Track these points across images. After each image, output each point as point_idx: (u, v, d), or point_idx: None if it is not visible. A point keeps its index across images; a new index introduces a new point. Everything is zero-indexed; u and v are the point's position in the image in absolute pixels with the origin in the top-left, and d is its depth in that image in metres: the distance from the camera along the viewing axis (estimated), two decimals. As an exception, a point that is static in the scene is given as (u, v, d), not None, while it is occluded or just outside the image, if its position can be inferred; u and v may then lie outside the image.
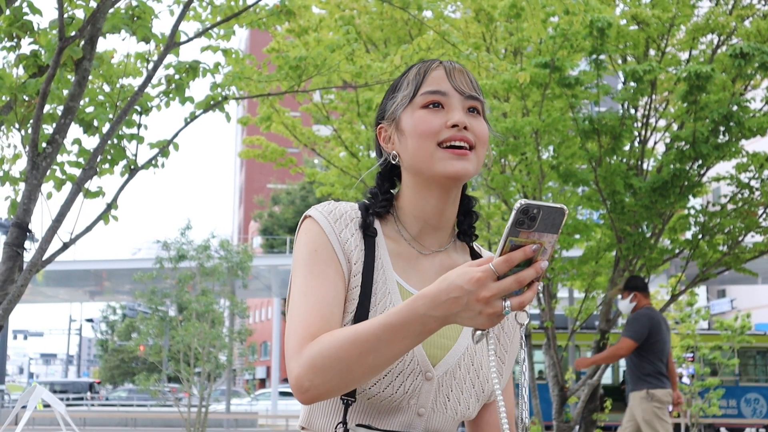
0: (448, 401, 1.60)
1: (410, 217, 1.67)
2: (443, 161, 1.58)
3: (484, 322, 1.33)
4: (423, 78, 1.64)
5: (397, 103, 1.66)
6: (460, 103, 1.62)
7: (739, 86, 9.65)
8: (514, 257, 1.29)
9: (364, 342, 1.39)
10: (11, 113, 5.04)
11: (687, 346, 15.55)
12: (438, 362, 1.59)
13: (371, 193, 1.71)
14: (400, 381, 1.55)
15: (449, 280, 1.33)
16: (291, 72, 6.91)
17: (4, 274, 4.45)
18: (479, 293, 1.30)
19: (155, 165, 5.67)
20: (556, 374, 10.59)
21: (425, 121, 1.60)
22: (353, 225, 1.63)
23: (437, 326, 1.37)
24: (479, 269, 1.31)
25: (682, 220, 10.25)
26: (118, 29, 5.03)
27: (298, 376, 1.44)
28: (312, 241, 1.60)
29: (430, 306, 1.34)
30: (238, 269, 17.47)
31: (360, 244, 1.62)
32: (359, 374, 1.41)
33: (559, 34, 8.80)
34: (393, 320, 1.37)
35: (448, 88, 1.62)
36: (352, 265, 1.60)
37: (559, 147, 9.98)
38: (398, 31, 10.94)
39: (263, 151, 12.58)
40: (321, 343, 1.43)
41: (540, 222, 1.28)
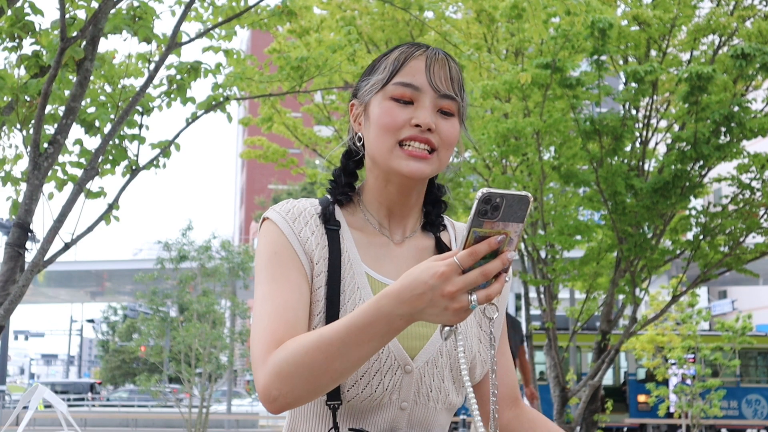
0: (431, 392, 1.54)
1: (375, 204, 1.62)
2: (399, 160, 1.52)
3: (450, 317, 1.27)
4: (401, 65, 1.55)
5: (370, 86, 1.58)
6: (432, 101, 1.53)
7: (741, 87, 9.65)
8: (479, 249, 1.24)
9: (329, 346, 1.33)
10: (13, 113, 5.04)
11: (688, 347, 15.54)
12: (417, 353, 1.54)
13: (333, 175, 1.64)
14: (378, 379, 1.50)
15: (413, 276, 1.27)
16: (292, 72, 6.91)
17: (5, 275, 4.45)
18: (444, 288, 1.24)
19: (156, 165, 5.67)
20: (557, 375, 10.59)
21: (390, 115, 1.52)
22: (313, 222, 1.57)
23: (404, 324, 1.31)
24: (443, 263, 1.25)
25: (683, 220, 10.25)
26: (119, 30, 5.03)
27: (265, 385, 1.39)
28: (271, 244, 1.54)
29: (394, 304, 1.29)
30: (240, 270, 17.47)
31: (322, 241, 1.55)
32: (327, 379, 1.36)
33: (561, 35, 8.80)
34: (357, 321, 1.31)
35: (423, 83, 1.53)
36: (315, 264, 1.53)
37: (561, 148, 9.98)
38: (399, 32, 10.94)
39: (264, 151, 12.59)
40: (286, 350, 1.38)
41: (504, 211, 1.22)
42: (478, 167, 10.82)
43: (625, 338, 10.50)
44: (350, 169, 1.64)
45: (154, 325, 17.76)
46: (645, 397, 18.83)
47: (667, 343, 16.30)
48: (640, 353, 17.38)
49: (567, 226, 10.00)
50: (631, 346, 17.07)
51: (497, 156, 10.36)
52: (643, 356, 17.51)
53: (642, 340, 16.70)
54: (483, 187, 11.15)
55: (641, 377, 20.61)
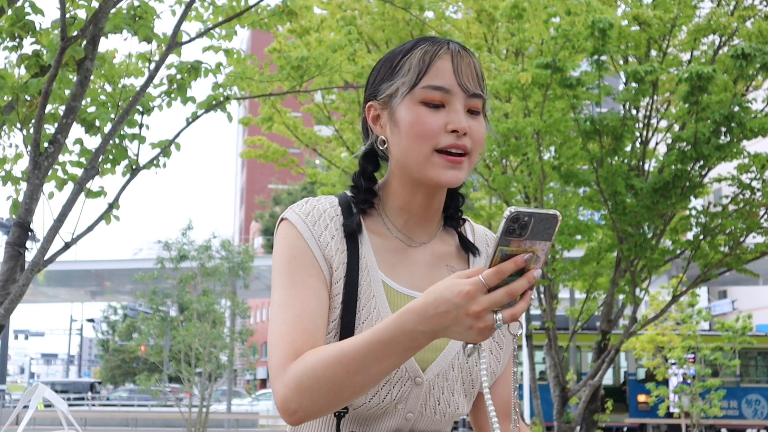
0: (438, 404, 1.53)
1: (396, 209, 1.58)
2: (436, 169, 1.48)
3: (475, 336, 1.26)
4: (427, 67, 1.50)
5: (395, 89, 1.52)
6: (463, 102, 1.50)
7: (741, 87, 9.64)
8: (505, 268, 1.22)
9: (351, 361, 1.32)
10: (13, 113, 5.05)
11: (688, 347, 15.55)
12: (429, 365, 1.52)
13: (353, 181, 1.60)
14: (387, 389, 1.48)
15: (437, 293, 1.25)
16: (292, 72, 6.92)
17: (5, 274, 4.45)
18: (469, 307, 1.23)
19: (157, 165, 5.67)
20: (557, 375, 10.59)
21: (424, 123, 1.48)
22: (333, 225, 1.53)
23: (426, 341, 1.30)
24: (468, 282, 1.23)
25: (683, 220, 10.25)
26: (120, 29, 5.03)
27: (284, 398, 1.37)
28: (290, 247, 1.50)
29: (417, 321, 1.27)
30: (240, 269, 17.47)
31: (341, 246, 1.52)
32: (348, 393, 1.35)
33: (561, 35, 8.80)
34: (380, 337, 1.30)
35: (453, 84, 1.49)
36: (334, 270, 1.50)
37: (561, 148, 9.98)
38: (400, 32, 10.93)
39: (265, 151, 12.59)
40: (306, 363, 1.36)
41: (532, 230, 1.21)
42: (479, 167, 10.81)
43: (625, 338, 10.50)
44: (369, 172, 1.60)
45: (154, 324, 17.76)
46: (645, 396, 18.84)
47: (667, 343, 16.31)
48: (640, 353, 17.39)
49: (567, 225, 10.00)
50: (631, 346, 17.08)
51: (497, 156, 10.36)
52: (643, 356, 17.52)
53: (642, 340, 16.71)
54: (482, 187, 11.15)
55: (641, 377, 20.62)
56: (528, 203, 10.85)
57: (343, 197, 1.59)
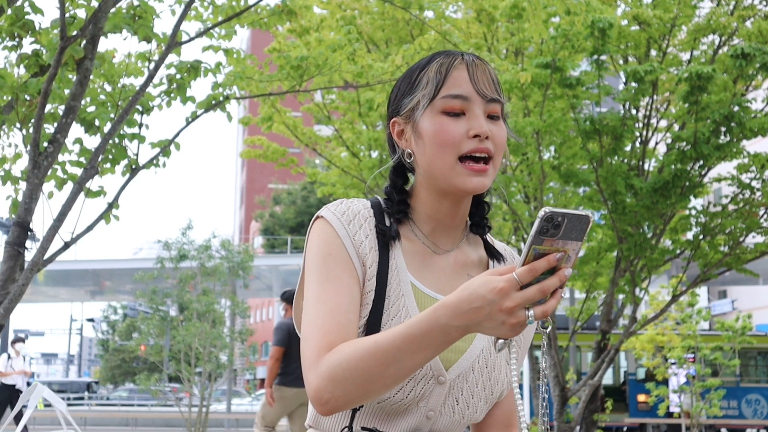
0: (457, 404, 1.57)
1: (423, 216, 1.63)
2: (462, 177, 1.53)
3: (507, 331, 1.30)
4: (445, 77, 1.56)
5: (416, 103, 1.58)
6: (482, 107, 1.55)
7: (741, 87, 9.65)
8: (538, 266, 1.27)
9: (385, 353, 1.36)
10: (13, 112, 5.05)
11: (688, 346, 15.54)
12: (452, 365, 1.57)
13: (386, 194, 1.66)
14: (411, 386, 1.52)
15: (471, 289, 1.30)
16: (292, 72, 6.92)
17: (5, 274, 4.45)
18: (502, 303, 1.27)
19: (156, 164, 5.67)
20: (557, 375, 10.59)
21: (446, 131, 1.53)
22: (367, 226, 1.59)
23: (459, 335, 1.34)
24: (502, 279, 1.28)
25: (683, 220, 10.25)
26: (119, 29, 5.03)
27: (317, 388, 1.41)
28: (325, 244, 1.55)
29: (451, 316, 1.31)
30: (239, 269, 17.46)
31: (374, 246, 1.57)
32: (380, 385, 1.39)
33: (561, 35, 8.80)
34: (414, 330, 1.34)
35: (471, 91, 1.55)
36: (367, 268, 1.56)
37: (561, 147, 9.98)
38: (399, 31, 10.94)
39: (264, 151, 12.59)
40: (340, 354, 1.40)
41: (564, 230, 1.25)
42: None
43: (625, 338, 10.50)
44: (399, 185, 1.65)
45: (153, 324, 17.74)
46: (645, 396, 18.84)
47: (667, 343, 16.30)
48: (640, 353, 17.38)
49: (567, 225, 9.98)
50: (630, 346, 17.07)
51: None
52: (642, 356, 17.51)
53: (642, 339, 16.70)
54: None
55: (641, 377, 20.62)
56: (528, 203, 10.85)
57: (375, 201, 1.65)
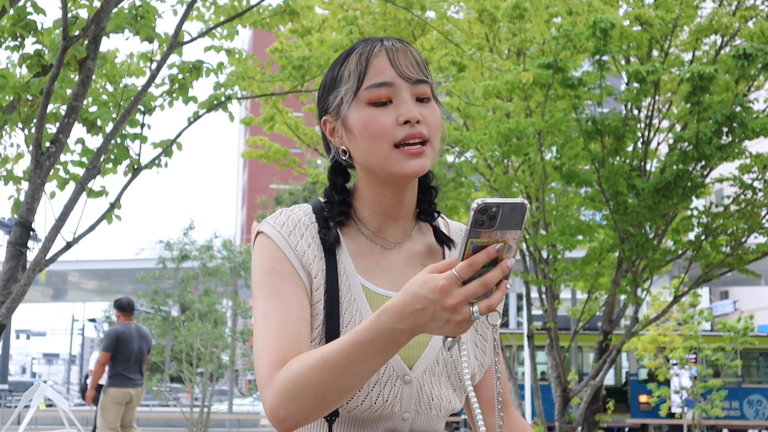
0: (432, 400, 1.54)
1: (369, 213, 1.59)
2: (399, 162, 1.48)
3: (453, 329, 1.26)
4: (366, 67, 1.51)
5: (341, 98, 1.54)
6: (409, 91, 1.50)
7: (743, 87, 9.64)
8: (477, 260, 1.22)
9: (335, 364, 1.32)
10: (15, 112, 5.05)
11: (690, 347, 15.54)
12: (415, 362, 1.53)
13: (326, 196, 1.61)
14: (377, 390, 1.49)
15: (412, 291, 1.25)
16: (294, 72, 6.92)
17: (7, 274, 4.46)
18: (445, 302, 1.23)
19: (158, 165, 5.67)
20: (559, 375, 10.59)
21: (375, 122, 1.48)
22: (309, 233, 1.54)
23: (407, 338, 1.30)
24: (442, 276, 1.23)
25: (685, 221, 10.24)
26: (121, 29, 5.03)
27: (273, 406, 1.38)
28: (268, 259, 1.51)
29: (396, 319, 1.27)
30: (241, 269, 17.48)
31: (319, 253, 1.53)
32: (335, 397, 1.35)
33: (563, 35, 8.80)
34: (360, 338, 1.30)
35: (394, 77, 1.50)
36: (313, 278, 1.51)
37: (562, 148, 9.98)
38: (401, 32, 10.93)
39: (266, 151, 12.59)
40: (291, 370, 1.37)
41: (501, 220, 1.20)
42: (480, 167, 10.82)
43: (627, 338, 10.49)
44: (340, 185, 1.61)
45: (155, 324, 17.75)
46: (647, 397, 18.85)
47: (669, 344, 16.31)
48: (642, 353, 17.39)
49: (569, 226, 9.99)
50: (632, 347, 17.07)
51: (499, 156, 10.35)
52: (644, 356, 17.52)
53: (644, 340, 16.71)
54: (483, 187, 11.15)
55: (643, 377, 20.62)
56: (529, 203, 10.84)
57: (316, 204, 1.61)
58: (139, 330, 9.60)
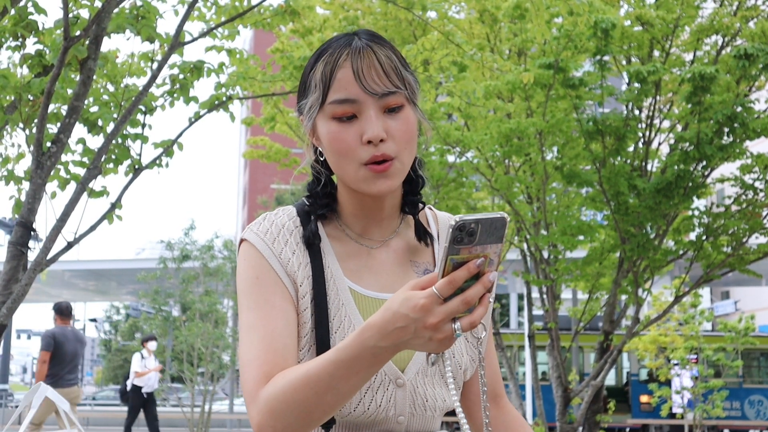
0: (426, 401, 1.52)
1: (351, 216, 1.57)
2: (367, 181, 1.45)
3: (436, 347, 1.24)
4: (329, 81, 1.46)
5: (309, 107, 1.51)
6: (374, 106, 1.45)
7: (744, 87, 9.63)
8: (458, 277, 1.19)
9: (318, 382, 1.31)
10: (16, 113, 5.05)
11: (691, 347, 15.53)
12: (407, 365, 1.51)
13: (309, 191, 1.57)
14: (369, 396, 1.47)
15: (393, 309, 1.23)
16: (295, 72, 6.92)
17: (8, 273, 4.46)
18: (426, 320, 1.20)
19: (159, 165, 5.67)
20: (560, 375, 10.58)
21: (339, 139, 1.45)
22: (293, 240, 1.51)
23: (389, 356, 1.28)
24: (422, 294, 1.21)
25: (686, 221, 10.23)
26: (122, 29, 5.03)
27: (259, 424, 1.36)
28: (252, 268, 1.48)
29: (378, 337, 1.25)
30: (242, 269, 17.46)
31: (304, 259, 1.50)
32: (320, 413, 1.34)
33: (564, 35, 8.80)
34: (343, 356, 1.28)
35: (358, 93, 1.44)
36: (299, 286, 1.49)
37: (563, 148, 9.97)
38: (402, 32, 10.93)
39: (267, 151, 12.60)
40: (276, 387, 1.35)
41: (480, 235, 1.18)
42: (481, 167, 10.81)
43: (628, 339, 10.49)
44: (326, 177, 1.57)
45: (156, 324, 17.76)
46: (647, 397, 18.84)
47: (670, 344, 16.30)
48: (643, 354, 17.38)
49: (570, 226, 9.99)
50: (633, 347, 17.07)
51: (500, 156, 10.35)
52: (645, 357, 17.52)
53: (644, 340, 16.70)
54: (484, 187, 11.14)
55: (644, 378, 20.62)
56: (530, 203, 10.85)
57: (300, 206, 1.58)
58: (76, 333, 10.05)
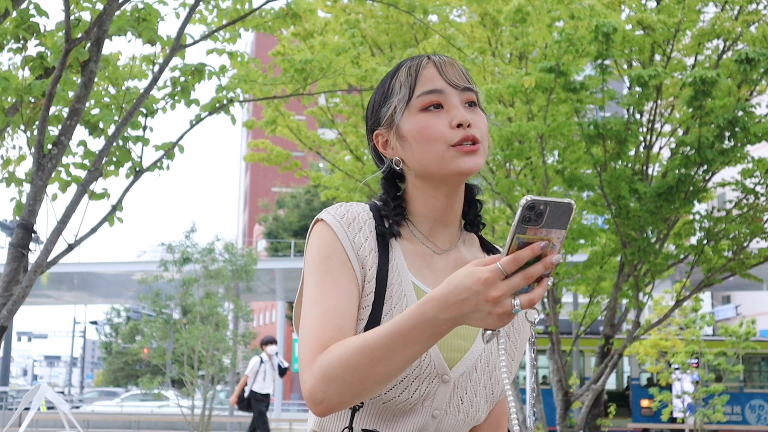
0: (462, 403, 1.58)
1: (420, 217, 1.64)
2: (456, 159, 1.55)
3: (494, 322, 1.30)
4: (416, 78, 1.59)
5: (394, 108, 1.61)
6: (458, 98, 1.58)
7: (745, 91, 9.64)
8: (522, 255, 1.25)
9: (375, 350, 1.36)
10: (17, 115, 5.05)
11: (692, 352, 15.51)
12: (455, 364, 1.57)
13: (382, 200, 1.66)
14: (416, 385, 1.53)
15: (456, 281, 1.30)
16: (296, 75, 6.92)
17: (8, 275, 4.46)
18: (488, 293, 1.27)
19: (160, 167, 5.68)
20: (560, 379, 10.57)
21: (430, 126, 1.56)
22: (366, 228, 1.59)
23: (447, 329, 1.33)
24: (487, 269, 1.28)
25: (687, 225, 10.23)
26: (124, 31, 5.04)
27: (311, 389, 1.41)
28: (325, 247, 1.56)
29: (438, 309, 1.31)
30: (243, 272, 17.48)
31: (374, 248, 1.58)
32: (372, 383, 1.39)
33: (565, 39, 8.80)
34: (402, 326, 1.34)
35: (443, 84, 1.58)
36: (367, 271, 1.56)
37: (564, 152, 9.97)
38: (404, 35, 10.94)
39: (268, 154, 12.60)
40: (332, 354, 1.40)
41: (547, 218, 1.24)
42: (482, 171, 10.80)
43: (629, 343, 10.48)
44: (393, 194, 1.66)
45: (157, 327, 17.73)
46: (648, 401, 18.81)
47: (671, 348, 16.28)
48: (644, 358, 17.36)
49: (571, 230, 9.99)
50: (634, 351, 17.05)
51: (501, 160, 10.35)
52: (646, 361, 17.49)
53: (645, 344, 16.68)
54: (485, 190, 11.14)
55: (644, 382, 20.59)
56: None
57: (373, 205, 1.65)
58: None
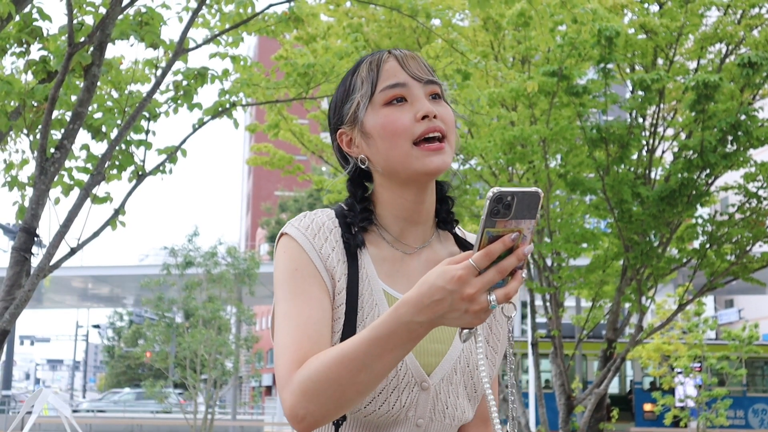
0: (447, 408, 1.54)
1: (389, 218, 1.59)
2: (421, 159, 1.49)
3: (471, 320, 1.26)
4: (377, 73, 1.55)
5: (357, 105, 1.56)
6: (422, 90, 1.54)
7: (748, 95, 9.63)
8: (494, 249, 1.23)
9: (353, 359, 1.32)
10: (20, 119, 5.06)
11: (694, 356, 15.50)
12: (433, 370, 1.53)
13: (347, 205, 1.61)
14: (395, 396, 1.49)
15: (429, 282, 1.26)
16: (299, 79, 6.93)
17: (11, 279, 4.46)
18: (463, 291, 1.23)
19: (163, 171, 5.68)
20: (563, 383, 10.56)
21: (393, 120, 1.51)
22: (333, 237, 1.55)
23: (425, 331, 1.30)
24: (459, 267, 1.24)
25: (689, 229, 10.23)
26: (126, 35, 5.05)
27: (292, 405, 1.37)
28: (292, 260, 1.51)
29: (414, 312, 1.27)
30: (245, 276, 17.49)
31: (342, 257, 1.54)
32: (353, 393, 1.35)
33: (567, 43, 8.81)
34: (379, 332, 1.30)
35: (406, 78, 1.54)
36: (336, 281, 1.52)
37: (567, 155, 9.97)
38: (406, 39, 10.94)
39: (271, 158, 12.61)
40: (310, 367, 1.36)
41: (516, 209, 1.22)
42: (485, 175, 10.82)
43: (631, 347, 10.47)
44: (360, 195, 1.62)
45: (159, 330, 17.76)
46: (651, 405, 18.79)
47: (674, 352, 16.27)
48: (646, 362, 17.34)
49: (573, 234, 9.98)
50: (637, 355, 17.03)
51: (504, 163, 10.35)
52: (649, 365, 17.48)
53: (648, 348, 16.66)
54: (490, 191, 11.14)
55: (647, 386, 20.57)
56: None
57: (338, 210, 1.61)
58: None
